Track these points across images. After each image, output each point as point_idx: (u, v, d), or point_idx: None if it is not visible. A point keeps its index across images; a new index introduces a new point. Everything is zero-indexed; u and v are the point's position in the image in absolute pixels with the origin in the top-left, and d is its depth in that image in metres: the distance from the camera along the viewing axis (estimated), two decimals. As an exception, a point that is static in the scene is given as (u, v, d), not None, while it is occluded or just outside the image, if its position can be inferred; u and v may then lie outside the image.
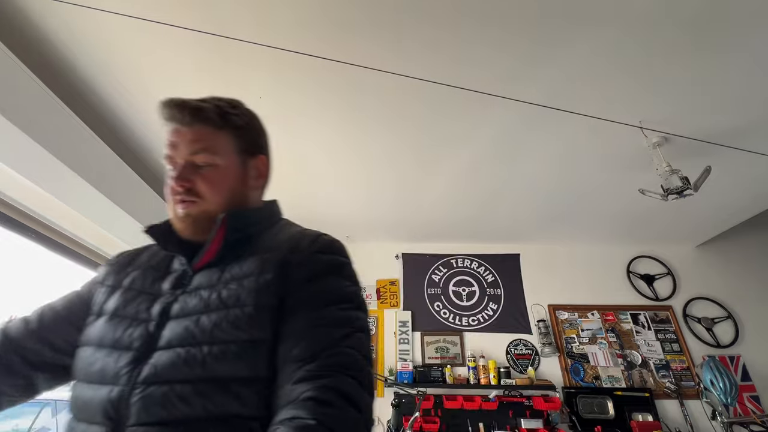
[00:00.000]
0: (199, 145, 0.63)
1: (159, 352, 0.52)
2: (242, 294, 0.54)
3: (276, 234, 0.67)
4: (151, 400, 0.48)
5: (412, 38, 1.37)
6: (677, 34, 1.34)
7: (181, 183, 0.62)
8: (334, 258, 0.62)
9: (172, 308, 0.57)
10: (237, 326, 0.52)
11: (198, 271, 0.61)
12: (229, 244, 0.61)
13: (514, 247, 3.13)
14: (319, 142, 1.95)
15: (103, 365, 0.54)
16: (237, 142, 0.68)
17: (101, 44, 1.43)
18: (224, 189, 0.64)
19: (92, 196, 1.65)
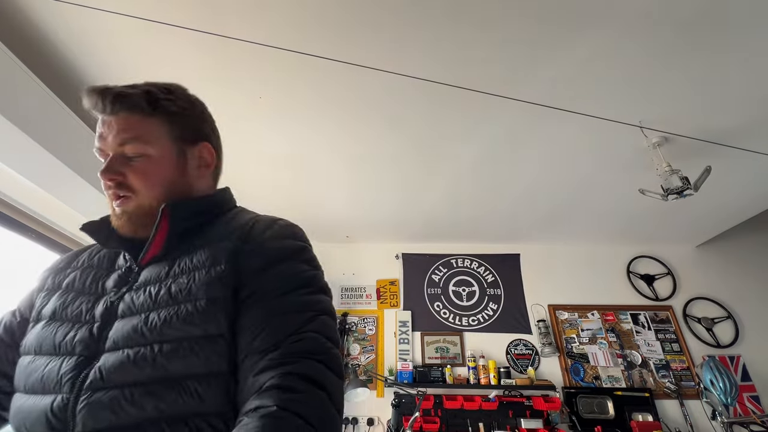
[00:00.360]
0: (127, 135, 0.57)
1: (105, 355, 0.49)
2: (193, 287, 0.51)
3: (228, 222, 0.62)
4: (99, 405, 0.45)
5: (412, 38, 1.37)
6: (677, 35, 1.34)
7: (111, 177, 0.56)
8: (290, 243, 0.59)
9: (118, 307, 0.53)
10: (189, 321, 0.48)
11: (145, 266, 0.57)
12: (175, 235, 0.57)
13: (514, 247, 3.13)
14: (319, 142, 1.95)
15: (43, 373, 0.50)
16: (171, 129, 0.61)
17: (101, 44, 1.43)
18: (159, 181, 0.58)
19: (92, 196, 1.65)
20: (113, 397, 0.45)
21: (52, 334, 0.53)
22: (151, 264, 0.56)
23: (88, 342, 0.51)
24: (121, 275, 0.57)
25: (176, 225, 0.57)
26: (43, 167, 1.44)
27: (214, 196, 0.68)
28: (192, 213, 0.60)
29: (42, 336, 0.54)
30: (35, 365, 0.52)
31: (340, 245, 3.16)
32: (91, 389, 0.46)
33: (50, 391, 0.48)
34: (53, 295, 0.58)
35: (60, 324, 0.54)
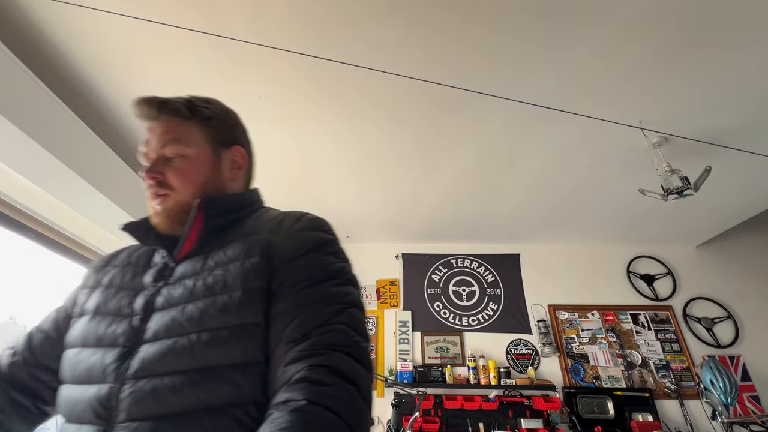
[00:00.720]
0: (169, 137, 0.63)
1: (146, 345, 0.51)
2: (229, 279, 0.53)
3: (257, 218, 0.64)
4: (142, 394, 0.47)
5: (413, 39, 1.37)
6: (677, 35, 1.34)
7: (152, 175, 0.61)
8: (318, 235, 0.60)
9: (156, 300, 0.55)
10: (226, 311, 0.50)
11: (180, 261, 0.59)
12: (208, 230, 0.60)
13: (514, 247, 3.13)
14: (319, 142, 1.95)
15: (89, 364, 0.53)
16: (208, 133, 0.67)
17: (101, 44, 1.43)
18: (196, 179, 0.63)
19: (92, 196, 1.65)
20: (155, 386, 0.47)
21: (95, 327, 0.56)
22: (186, 259, 0.59)
23: (129, 334, 0.53)
24: (158, 270, 0.60)
25: (209, 221, 0.60)
26: (43, 167, 1.44)
27: (244, 194, 0.71)
28: (224, 209, 0.63)
29: (86, 329, 0.57)
30: (81, 357, 0.55)
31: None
32: (134, 378, 0.48)
33: (96, 381, 0.51)
34: (95, 292, 0.62)
35: (102, 318, 0.57)
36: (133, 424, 0.46)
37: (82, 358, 0.54)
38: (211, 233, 0.60)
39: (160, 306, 0.54)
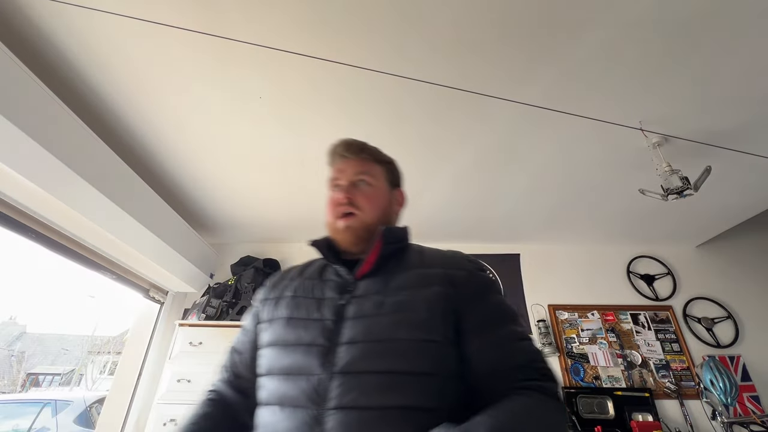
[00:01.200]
0: (362, 169, 0.80)
1: (345, 346, 0.62)
2: (415, 301, 0.65)
3: (420, 253, 0.77)
4: (348, 387, 0.58)
5: (412, 40, 1.37)
6: (677, 35, 1.34)
7: (346, 195, 0.77)
8: (489, 276, 0.74)
9: (347, 310, 0.67)
10: (416, 327, 0.62)
11: (359, 280, 0.71)
12: (383, 255, 0.72)
13: (514, 247, 3.13)
14: (319, 142, 1.95)
15: (294, 360, 0.64)
16: (387, 174, 0.85)
17: (101, 44, 1.43)
18: (378, 204, 0.79)
19: (92, 196, 1.65)
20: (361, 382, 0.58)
21: (292, 330, 0.68)
22: (364, 279, 0.71)
23: (325, 335, 0.64)
24: (340, 285, 0.72)
25: (385, 247, 0.73)
26: (43, 167, 1.44)
27: (406, 228, 0.82)
28: (396, 239, 0.77)
29: (285, 332, 0.69)
30: (286, 352, 0.66)
31: (340, 245, 3.15)
32: (342, 372, 0.59)
33: (306, 372, 0.61)
34: (280, 302, 0.75)
35: (297, 321, 0.69)
36: (343, 411, 0.56)
37: (288, 354, 0.66)
38: (384, 258, 0.73)
39: (351, 315, 0.66)
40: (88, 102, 1.68)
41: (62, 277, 33.60)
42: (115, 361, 13.48)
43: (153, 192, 2.09)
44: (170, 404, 2.15)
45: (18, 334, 16.90)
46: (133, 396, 2.46)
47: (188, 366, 2.27)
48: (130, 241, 1.99)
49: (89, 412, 4.04)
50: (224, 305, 2.53)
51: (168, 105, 1.70)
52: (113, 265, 2.25)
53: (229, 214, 2.71)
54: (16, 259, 8.47)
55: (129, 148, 1.97)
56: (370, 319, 0.64)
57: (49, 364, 15.95)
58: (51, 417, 3.95)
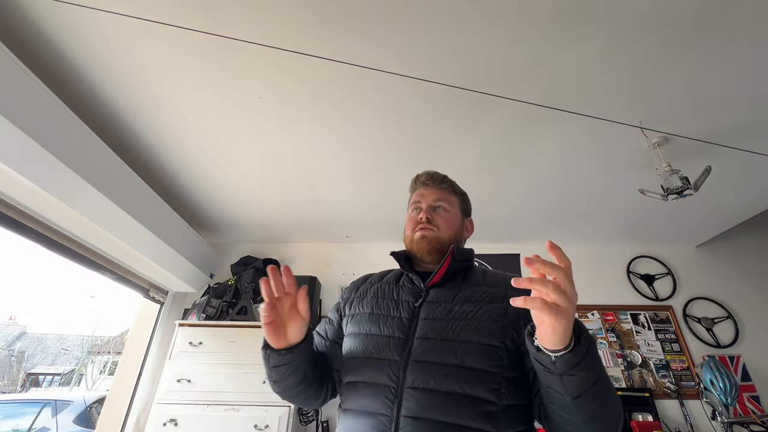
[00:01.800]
0: (441, 196, 0.97)
1: (418, 340, 0.77)
2: (480, 313, 0.78)
3: (484, 273, 0.91)
4: (421, 372, 0.72)
5: (413, 39, 1.37)
6: (677, 34, 1.34)
7: (426, 215, 0.93)
8: None
9: (421, 311, 0.82)
10: (479, 332, 0.74)
11: (429, 288, 0.86)
12: (451, 269, 0.86)
13: (514, 247, 3.13)
14: (319, 142, 1.95)
15: (378, 344, 0.80)
16: (461, 204, 1.01)
17: (101, 44, 1.43)
18: (451, 226, 0.94)
19: (92, 196, 1.65)
20: (430, 368, 0.72)
21: (375, 322, 0.85)
22: (434, 288, 0.86)
23: (402, 329, 0.80)
24: (414, 291, 0.88)
25: (453, 263, 0.87)
26: (43, 167, 1.44)
27: (472, 251, 0.96)
28: (463, 257, 0.90)
29: (368, 323, 0.85)
30: (369, 338, 0.82)
31: (340, 245, 3.16)
32: (416, 360, 0.74)
33: (386, 356, 0.77)
34: (364, 299, 0.93)
35: (378, 316, 0.85)
36: (416, 391, 0.71)
37: (371, 339, 0.82)
38: (451, 272, 0.87)
39: (423, 316, 0.81)
40: (88, 102, 1.68)
41: (62, 277, 33.59)
42: (115, 361, 13.48)
43: (153, 192, 2.09)
44: (170, 404, 2.15)
45: (18, 334, 16.89)
46: (133, 396, 2.46)
47: (188, 366, 2.27)
48: (130, 241, 1.99)
49: (89, 412, 4.04)
50: (224, 305, 2.53)
51: (168, 105, 1.70)
52: (113, 265, 2.25)
53: (229, 214, 2.71)
54: (16, 259, 8.31)
55: (129, 148, 1.97)
56: (441, 321, 0.78)
57: (49, 364, 15.95)
58: (51, 417, 3.95)
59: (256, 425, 2.07)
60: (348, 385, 0.81)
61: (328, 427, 2.40)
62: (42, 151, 1.37)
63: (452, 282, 0.87)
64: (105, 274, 2.25)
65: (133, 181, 1.92)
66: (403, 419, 0.68)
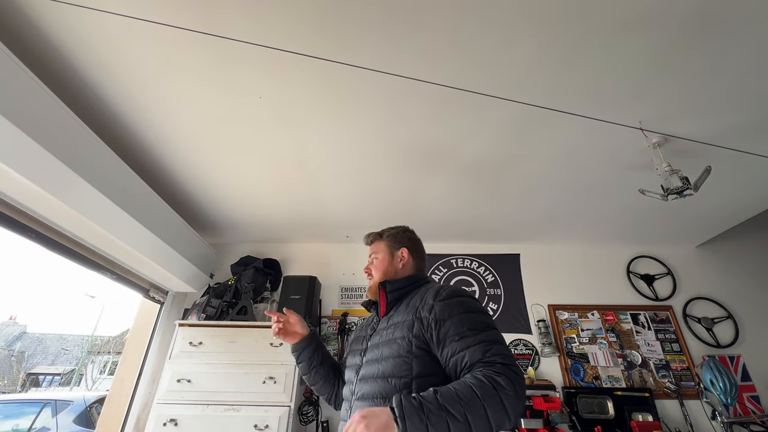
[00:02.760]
0: (372, 250, 1.32)
1: (365, 363, 1.07)
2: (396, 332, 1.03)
3: (423, 291, 1.09)
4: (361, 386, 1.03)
5: (412, 40, 1.37)
6: (677, 34, 1.34)
7: (365, 269, 1.29)
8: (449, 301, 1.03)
9: (370, 341, 1.12)
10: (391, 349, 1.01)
11: (380, 320, 1.15)
12: (389, 300, 1.14)
13: (514, 247, 3.13)
14: (319, 142, 1.95)
15: (348, 376, 1.13)
16: (388, 245, 1.29)
17: (102, 45, 1.43)
18: (381, 268, 1.24)
19: (92, 196, 1.65)
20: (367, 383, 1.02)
21: (351, 355, 1.19)
22: (382, 319, 1.14)
23: (359, 358, 1.11)
24: (373, 325, 1.18)
25: (388, 295, 1.14)
26: (43, 167, 1.44)
27: (408, 278, 1.20)
28: (394, 287, 1.16)
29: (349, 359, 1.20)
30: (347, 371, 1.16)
31: (340, 245, 3.16)
32: (360, 379, 1.05)
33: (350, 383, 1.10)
34: (353, 341, 1.26)
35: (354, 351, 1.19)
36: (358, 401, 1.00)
37: (347, 372, 1.15)
38: (392, 302, 1.14)
39: (370, 344, 1.10)
40: (88, 102, 1.68)
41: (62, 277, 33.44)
42: (115, 361, 13.48)
43: (153, 192, 2.09)
44: (170, 404, 2.15)
45: (18, 334, 16.90)
46: (133, 396, 2.46)
47: (188, 366, 2.27)
48: (130, 241, 1.99)
49: (89, 412, 4.04)
50: (224, 305, 2.53)
51: (168, 105, 1.70)
52: (113, 265, 2.25)
53: (229, 214, 2.71)
54: (16, 259, 8.32)
55: (129, 148, 1.97)
56: (375, 346, 1.07)
57: (49, 364, 15.95)
58: (51, 417, 3.95)
59: (256, 425, 2.07)
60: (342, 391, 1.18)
61: (328, 427, 2.40)
62: (42, 150, 1.37)
63: (393, 309, 1.13)
64: (105, 274, 2.25)
65: (133, 181, 1.92)
66: None
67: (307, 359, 1.26)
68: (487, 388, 0.77)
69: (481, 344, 0.87)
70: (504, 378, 0.79)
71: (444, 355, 0.91)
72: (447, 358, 0.91)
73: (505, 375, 0.79)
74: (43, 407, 4.10)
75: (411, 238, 1.33)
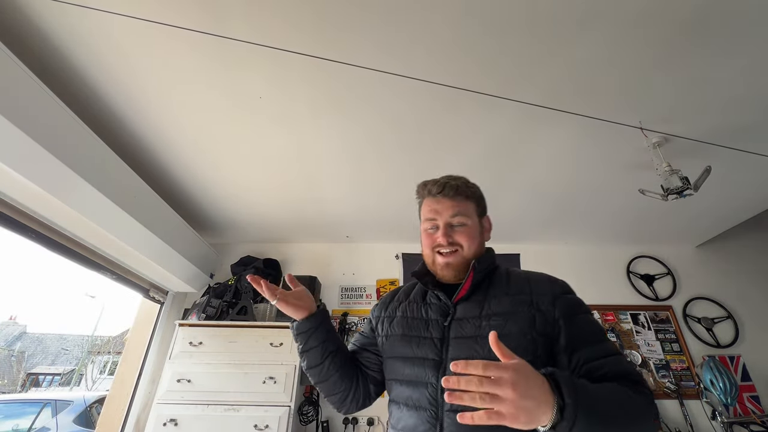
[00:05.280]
0: (457, 210, 0.91)
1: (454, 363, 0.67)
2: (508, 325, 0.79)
3: (508, 276, 0.93)
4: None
5: (413, 40, 1.37)
6: (677, 34, 1.34)
7: (446, 238, 0.89)
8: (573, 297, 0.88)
9: (450, 330, 0.84)
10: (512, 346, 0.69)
11: (456, 304, 0.87)
12: (474, 282, 0.87)
13: (514, 247, 3.13)
14: (319, 142, 1.95)
15: (414, 371, 0.83)
16: (477, 208, 0.96)
17: (102, 44, 1.43)
18: (473, 239, 0.92)
19: (92, 196, 1.65)
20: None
21: (408, 345, 0.87)
22: (460, 303, 0.87)
23: (435, 351, 0.83)
24: (441, 308, 0.89)
25: (476, 275, 0.88)
26: (43, 167, 1.44)
27: (491, 255, 0.97)
28: (484, 267, 0.91)
29: (402, 343, 0.89)
30: (406, 363, 0.86)
31: (340, 245, 3.16)
32: None
33: (423, 378, 0.81)
34: (394, 319, 0.95)
35: (410, 338, 0.88)
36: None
37: (407, 366, 0.85)
38: (475, 285, 0.88)
39: (454, 335, 0.83)
40: (88, 102, 1.68)
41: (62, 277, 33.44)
42: (115, 361, 13.48)
43: (153, 192, 2.09)
44: (170, 404, 2.15)
45: (18, 334, 16.90)
46: (133, 396, 2.46)
47: (188, 366, 2.27)
48: (130, 241, 1.99)
49: (89, 412, 4.04)
50: (224, 305, 2.53)
51: (168, 105, 1.70)
52: (113, 265, 2.25)
53: (229, 214, 2.71)
54: (16, 259, 8.33)
55: (129, 148, 1.97)
56: (470, 340, 0.80)
57: (49, 364, 15.95)
58: (51, 417, 3.95)
59: (256, 425, 2.07)
60: (392, 403, 0.87)
61: (328, 427, 2.40)
62: (42, 151, 1.37)
63: (478, 293, 0.88)
64: (105, 274, 2.25)
65: (133, 180, 1.92)
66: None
67: (321, 342, 0.92)
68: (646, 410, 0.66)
69: (616, 356, 0.75)
70: (655, 408, 0.69)
71: (575, 359, 0.75)
72: (579, 365, 0.74)
73: (654, 404, 0.69)
74: (43, 407, 4.10)
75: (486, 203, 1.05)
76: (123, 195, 1.81)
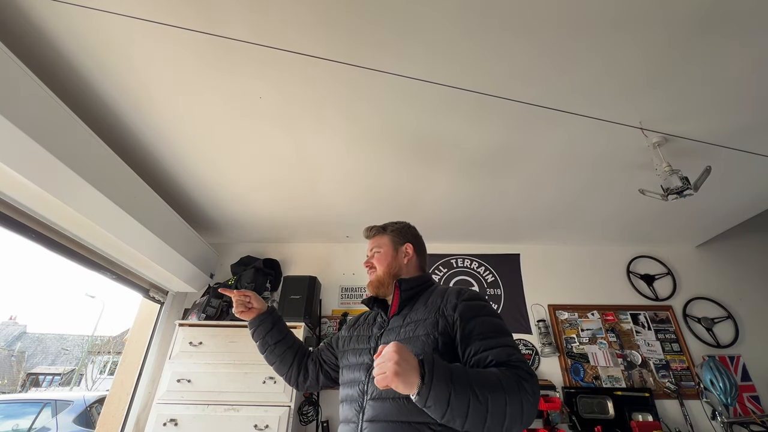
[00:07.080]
0: (373, 244, 1.27)
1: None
2: (418, 329, 1.00)
3: (433, 292, 1.11)
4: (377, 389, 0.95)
5: (413, 40, 1.37)
6: (677, 34, 1.34)
7: (366, 263, 1.25)
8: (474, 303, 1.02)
9: (381, 339, 1.08)
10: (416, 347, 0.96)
11: (391, 318, 1.11)
12: (403, 300, 1.10)
13: (514, 247, 3.13)
14: (320, 142, 1.95)
15: (353, 375, 1.07)
16: (392, 239, 1.25)
17: (101, 44, 1.43)
18: (384, 261, 1.20)
19: (92, 196, 1.65)
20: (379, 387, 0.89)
21: (354, 354, 1.12)
22: (394, 317, 1.10)
23: (370, 357, 1.06)
24: (381, 324, 1.13)
25: (402, 294, 1.10)
26: (43, 167, 1.44)
27: (419, 277, 1.17)
28: (409, 286, 1.12)
29: (348, 357, 1.14)
30: (349, 371, 1.10)
31: (340, 245, 3.16)
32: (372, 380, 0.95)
33: (357, 381, 1.04)
34: (351, 339, 1.20)
35: (356, 350, 1.13)
36: (374, 401, 0.96)
37: (350, 372, 1.09)
38: (404, 301, 1.10)
39: (382, 342, 1.04)
40: (88, 102, 1.68)
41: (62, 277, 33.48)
42: (115, 361, 13.49)
43: (153, 192, 2.09)
44: (170, 404, 2.15)
45: (18, 334, 16.90)
46: (133, 396, 2.46)
47: (188, 366, 2.27)
48: (130, 241, 1.99)
49: (89, 412, 4.04)
50: (224, 305, 2.53)
51: (168, 105, 1.70)
52: (113, 265, 2.25)
53: (229, 214, 2.71)
54: (16, 259, 8.35)
55: (129, 148, 1.97)
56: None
57: (49, 364, 15.96)
58: (51, 417, 3.95)
59: (256, 425, 2.07)
60: (340, 403, 1.09)
61: (328, 427, 2.40)
62: (42, 151, 1.37)
63: (406, 308, 1.09)
64: (105, 274, 2.25)
65: (133, 181, 1.92)
66: (365, 423, 0.94)
67: (262, 338, 1.24)
68: (512, 385, 0.78)
69: (505, 348, 0.89)
70: (528, 384, 0.80)
71: (467, 352, 0.91)
72: (470, 356, 0.90)
73: (529, 382, 0.81)
74: (43, 407, 4.10)
75: (415, 235, 1.30)
76: (123, 195, 1.81)
